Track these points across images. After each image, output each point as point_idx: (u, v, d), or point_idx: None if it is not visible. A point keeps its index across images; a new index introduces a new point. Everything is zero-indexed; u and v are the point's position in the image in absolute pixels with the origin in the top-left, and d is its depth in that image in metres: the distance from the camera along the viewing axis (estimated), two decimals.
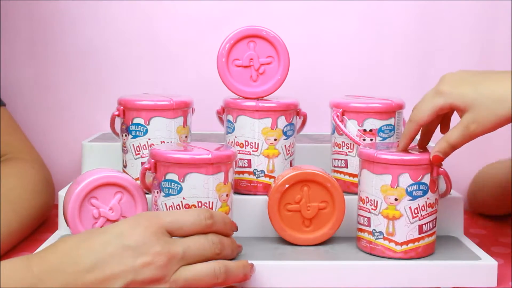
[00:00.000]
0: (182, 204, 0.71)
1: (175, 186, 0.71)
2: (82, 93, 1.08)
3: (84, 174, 0.76)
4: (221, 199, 0.72)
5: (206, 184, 0.71)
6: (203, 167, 0.71)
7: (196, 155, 0.71)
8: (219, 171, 0.72)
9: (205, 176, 0.71)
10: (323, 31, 1.09)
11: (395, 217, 0.73)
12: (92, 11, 1.07)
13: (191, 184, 0.71)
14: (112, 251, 0.59)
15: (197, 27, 1.08)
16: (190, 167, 0.70)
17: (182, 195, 0.71)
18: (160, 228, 0.62)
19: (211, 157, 0.70)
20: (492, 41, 1.08)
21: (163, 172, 0.72)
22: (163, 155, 0.71)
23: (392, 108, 0.84)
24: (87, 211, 0.74)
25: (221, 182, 0.72)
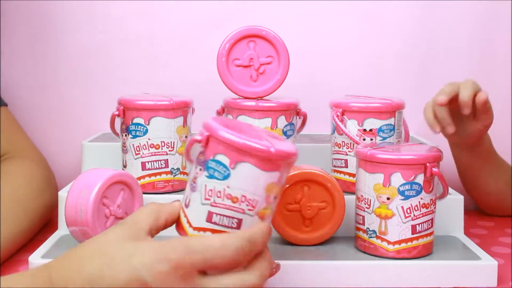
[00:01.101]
0: (225, 192, 0.58)
1: (223, 170, 0.58)
2: (82, 93, 1.08)
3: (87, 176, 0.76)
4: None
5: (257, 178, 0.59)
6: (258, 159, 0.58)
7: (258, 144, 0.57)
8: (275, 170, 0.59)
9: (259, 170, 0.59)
10: (323, 31, 1.09)
11: (387, 216, 0.73)
12: (92, 11, 1.07)
13: (240, 173, 0.58)
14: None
15: (197, 27, 1.08)
16: (243, 154, 0.57)
17: (227, 182, 0.58)
18: (192, 272, 0.53)
19: (273, 152, 0.57)
20: (492, 41, 1.08)
21: (213, 151, 0.58)
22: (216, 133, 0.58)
23: (392, 108, 0.84)
24: (101, 211, 0.74)
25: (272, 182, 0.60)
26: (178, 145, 0.84)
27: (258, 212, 0.58)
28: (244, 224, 0.58)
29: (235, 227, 0.58)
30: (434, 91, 1.09)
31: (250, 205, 0.58)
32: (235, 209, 0.58)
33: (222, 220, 0.58)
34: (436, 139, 1.05)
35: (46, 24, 1.07)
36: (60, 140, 1.09)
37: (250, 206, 0.58)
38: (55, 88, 1.08)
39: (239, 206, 0.58)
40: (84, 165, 0.95)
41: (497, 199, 0.99)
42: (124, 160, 0.85)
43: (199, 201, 0.58)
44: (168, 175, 0.84)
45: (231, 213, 0.58)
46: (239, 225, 0.58)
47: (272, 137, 0.63)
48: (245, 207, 0.58)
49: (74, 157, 1.06)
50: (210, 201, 0.58)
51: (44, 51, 1.07)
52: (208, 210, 0.58)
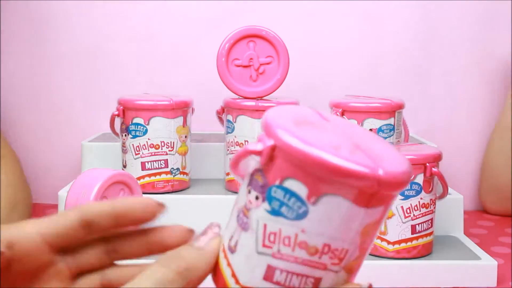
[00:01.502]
0: (298, 239, 0.38)
1: (296, 205, 0.36)
2: (82, 93, 1.08)
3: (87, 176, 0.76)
4: None
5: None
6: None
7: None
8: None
9: None
10: (323, 31, 1.09)
11: (387, 216, 0.73)
12: (92, 11, 1.07)
13: (324, 211, 0.36)
14: None
15: (197, 27, 1.08)
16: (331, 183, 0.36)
17: (302, 224, 0.36)
18: None
19: (383, 177, 0.37)
20: (492, 41, 1.08)
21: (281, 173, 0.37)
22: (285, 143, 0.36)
23: (392, 108, 0.83)
24: None
25: None
26: (178, 145, 0.84)
27: (346, 265, 0.38)
28: (323, 284, 0.37)
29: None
30: (434, 91, 1.09)
31: (336, 258, 0.37)
32: (312, 264, 0.37)
33: (289, 280, 0.37)
34: (436, 139, 1.05)
35: (46, 24, 1.07)
36: (60, 140, 1.09)
37: (336, 259, 0.37)
38: (55, 88, 1.08)
39: (319, 260, 0.37)
40: (84, 165, 0.95)
41: None
42: (124, 160, 0.85)
43: (254, 248, 0.37)
44: (168, 175, 0.84)
45: (305, 269, 0.37)
46: (316, 286, 0.37)
47: (369, 140, 0.39)
48: (328, 261, 0.37)
49: (74, 157, 1.06)
50: (272, 250, 0.37)
51: (44, 51, 1.07)
52: (267, 264, 0.37)
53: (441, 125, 1.09)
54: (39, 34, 1.07)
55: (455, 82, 1.09)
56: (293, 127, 0.36)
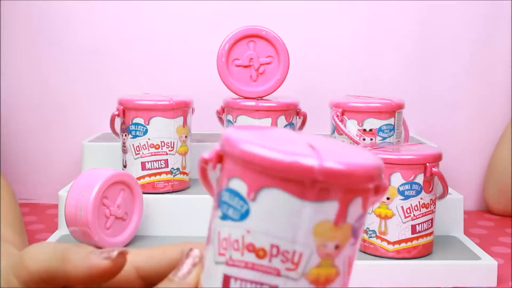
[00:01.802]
0: (244, 241, 0.36)
1: (239, 204, 0.35)
2: (82, 93, 1.08)
3: (87, 176, 0.76)
4: None
5: None
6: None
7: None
8: None
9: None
10: (323, 31, 1.09)
11: (387, 216, 0.73)
12: (92, 11, 1.07)
13: (264, 206, 0.35)
14: None
15: (197, 27, 1.08)
16: (265, 174, 0.35)
17: (246, 224, 0.35)
18: None
19: (317, 168, 0.34)
20: (492, 41, 1.08)
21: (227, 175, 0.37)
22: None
23: (392, 108, 0.83)
24: (101, 211, 0.74)
25: None
26: (178, 145, 0.84)
27: (308, 274, 0.34)
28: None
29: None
30: (434, 91, 1.09)
31: (290, 262, 0.34)
32: (264, 270, 0.34)
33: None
34: (436, 139, 1.05)
35: (46, 24, 1.07)
36: (60, 140, 1.09)
37: (290, 264, 0.34)
38: (55, 88, 1.08)
39: (270, 264, 0.34)
40: (84, 165, 0.95)
41: None
42: (124, 160, 0.85)
43: (212, 259, 0.35)
44: (168, 175, 0.84)
45: (257, 276, 0.34)
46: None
47: (343, 149, 0.37)
48: (281, 265, 0.34)
49: (74, 157, 1.06)
50: (225, 257, 0.35)
51: (44, 51, 1.07)
52: (223, 273, 0.35)
53: (441, 125, 1.09)
54: (39, 34, 1.07)
55: (455, 82, 1.09)
56: (244, 133, 0.35)
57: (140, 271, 0.40)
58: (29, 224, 0.94)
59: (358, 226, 0.35)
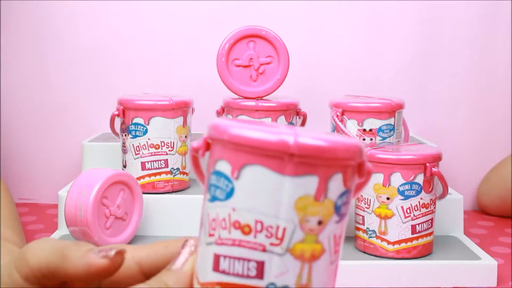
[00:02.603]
0: (231, 219, 0.37)
1: (224, 184, 0.37)
2: (82, 93, 1.08)
3: (87, 176, 0.76)
4: None
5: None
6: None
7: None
8: None
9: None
10: (323, 31, 1.09)
11: (387, 216, 0.73)
12: (92, 11, 1.07)
13: (248, 183, 0.37)
14: None
15: (197, 27, 1.08)
16: (246, 152, 0.37)
17: (232, 203, 0.36)
18: None
19: (292, 144, 0.36)
20: (492, 41, 1.08)
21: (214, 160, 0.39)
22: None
23: (392, 107, 0.83)
24: (101, 211, 0.74)
25: None
26: (178, 145, 0.84)
27: (292, 249, 0.35)
28: (269, 269, 0.35)
29: (254, 277, 0.35)
30: (434, 91, 1.09)
31: (274, 237, 0.35)
32: (250, 246, 0.35)
33: (233, 267, 0.35)
34: (436, 139, 1.05)
35: (46, 24, 1.07)
36: (60, 140, 1.09)
37: (275, 239, 0.35)
38: (55, 88, 1.08)
39: (255, 240, 0.35)
40: (84, 165, 0.95)
41: None
42: (124, 160, 0.85)
43: (204, 241, 0.37)
44: (168, 175, 0.84)
45: (244, 252, 0.35)
46: (261, 273, 0.35)
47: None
48: (266, 240, 0.35)
49: (74, 157, 1.06)
50: (214, 237, 0.36)
51: (44, 51, 1.07)
52: (213, 253, 0.36)
53: (441, 125, 1.09)
54: (39, 34, 1.07)
55: (455, 82, 1.09)
56: (229, 120, 0.38)
57: (143, 266, 0.40)
58: (29, 224, 0.94)
59: (341, 203, 0.36)
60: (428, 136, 1.07)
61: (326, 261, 0.36)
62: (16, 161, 1.08)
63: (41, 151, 1.08)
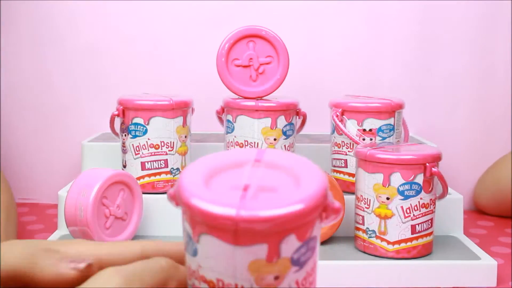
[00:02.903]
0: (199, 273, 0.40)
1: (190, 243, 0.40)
2: (82, 93, 1.08)
3: (87, 176, 0.76)
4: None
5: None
6: None
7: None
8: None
9: None
10: (323, 31, 1.09)
11: (387, 216, 0.73)
12: (92, 11, 1.07)
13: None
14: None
15: (197, 27, 1.08)
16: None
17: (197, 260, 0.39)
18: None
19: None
20: (492, 41, 1.08)
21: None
22: None
23: (392, 107, 0.83)
24: (101, 211, 0.75)
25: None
26: (177, 145, 0.84)
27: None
28: None
29: None
30: (434, 91, 1.09)
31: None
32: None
33: None
34: (436, 139, 1.05)
35: (46, 24, 1.07)
36: (60, 140, 1.09)
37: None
38: (55, 88, 1.08)
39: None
40: (84, 165, 0.95)
41: None
42: (123, 160, 0.85)
43: (188, 283, 0.40)
44: (168, 175, 0.84)
45: None
46: None
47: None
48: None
49: (74, 157, 1.06)
50: (190, 282, 0.39)
51: (44, 51, 1.07)
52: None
53: (441, 125, 1.09)
54: (39, 34, 1.07)
55: (455, 82, 1.09)
56: (194, 176, 0.38)
57: (102, 265, 0.40)
58: (29, 224, 0.94)
59: (299, 255, 0.38)
60: (428, 136, 1.07)
61: None
62: (16, 161, 1.08)
63: (41, 151, 1.08)
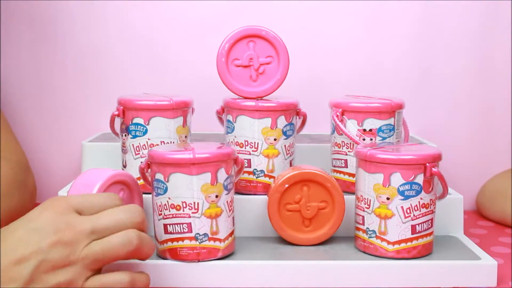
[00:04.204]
0: (168, 203, 0.71)
1: (161, 185, 0.71)
2: (82, 93, 1.08)
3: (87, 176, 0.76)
4: (208, 200, 0.70)
5: (190, 184, 0.70)
6: (186, 167, 0.69)
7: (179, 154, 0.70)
8: (204, 172, 0.70)
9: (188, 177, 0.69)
10: (323, 31, 1.09)
11: (387, 216, 0.73)
12: (92, 11, 1.07)
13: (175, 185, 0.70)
14: (20, 235, 0.58)
15: (197, 27, 1.08)
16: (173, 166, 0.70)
17: (167, 195, 0.70)
18: (68, 208, 0.60)
19: (192, 158, 0.69)
20: (492, 41, 1.08)
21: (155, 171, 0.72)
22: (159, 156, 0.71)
23: (392, 108, 0.83)
24: None
25: (207, 183, 0.70)
26: None
27: (204, 212, 0.70)
28: (194, 226, 0.70)
29: (186, 232, 0.71)
30: (434, 91, 1.09)
31: (193, 208, 0.70)
32: (181, 216, 0.70)
33: (174, 229, 0.71)
34: (436, 139, 1.05)
35: (46, 25, 1.07)
36: (60, 140, 1.09)
37: (194, 209, 0.70)
38: (55, 88, 1.08)
39: (183, 212, 0.70)
40: (84, 165, 0.95)
41: None
42: (124, 160, 0.85)
43: (156, 218, 0.74)
44: None
45: (178, 220, 0.71)
46: (190, 229, 0.70)
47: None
48: (189, 211, 0.70)
49: (74, 157, 1.06)
50: (162, 215, 0.72)
51: (44, 51, 1.08)
52: (163, 223, 0.72)
53: (441, 125, 1.09)
54: (40, 34, 1.07)
55: (455, 82, 1.09)
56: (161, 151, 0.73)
57: None
58: None
59: (227, 184, 0.71)
60: (428, 136, 1.07)
61: (225, 217, 0.71)
62: None
63: (41, 151, 1.08)
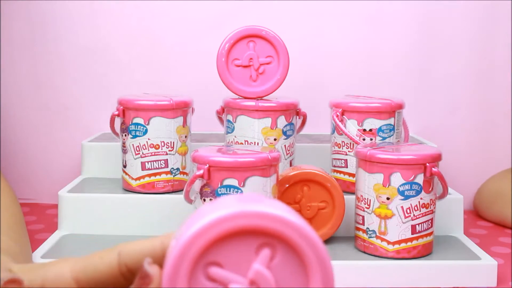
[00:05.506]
0: None
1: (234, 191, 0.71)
2: (82, 93, 1.08)
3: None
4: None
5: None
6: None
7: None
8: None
9: None
10: (323, 31, 1.09)
11: (387, 216, 0.73)
12: (92, 11, 1.07)
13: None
14: None
15: (197, 27, 1.08)
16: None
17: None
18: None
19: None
20: (492, 42, 1.08)
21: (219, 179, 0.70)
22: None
23: (392, 108, 0.84)
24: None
25: None
26: (177, 145, 0.84)
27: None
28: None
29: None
30: (434, 91, 1.09)
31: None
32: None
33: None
34: (436, 139, 1.05)
35: (46, 24, 1.07)
36: (60, 140, 1.09)
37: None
38: (55, 88, 1.08)
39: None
40: (84, 165, 0.95)
41: None
42: (124, 160, 0.85)
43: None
44: (168, 175, 0.84)
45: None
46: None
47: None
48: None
49: (74, 157, 1.06)
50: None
51: (44, 51, 1.07)
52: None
53: (441, 125, 1.09)
54: (39, 34, 1.07)
55: (455, 82, 1.09)
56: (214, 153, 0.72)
57: (79, 281, 0.40)
58: (29, 224, 0.94)
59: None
60: (428, 136, 1.07)
61: None
62: (16, 161, 1.08)
63: (41, 151, 1.08)
